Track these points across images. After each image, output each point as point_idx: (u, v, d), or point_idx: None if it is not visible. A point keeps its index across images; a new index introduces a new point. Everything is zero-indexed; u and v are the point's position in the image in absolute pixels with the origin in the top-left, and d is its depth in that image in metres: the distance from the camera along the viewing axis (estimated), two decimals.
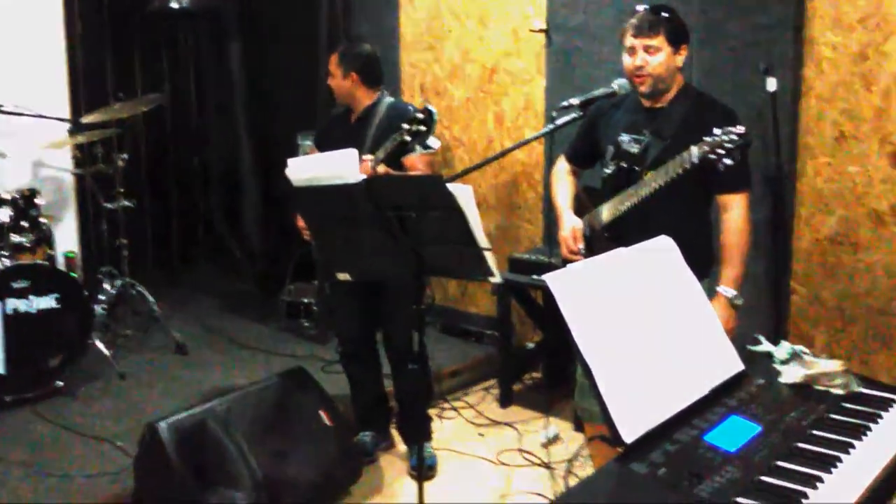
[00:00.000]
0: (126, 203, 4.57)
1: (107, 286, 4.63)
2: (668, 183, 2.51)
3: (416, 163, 3.32)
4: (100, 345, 4.23)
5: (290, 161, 2.93)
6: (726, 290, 2.64)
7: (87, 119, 4.48)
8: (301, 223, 3.40)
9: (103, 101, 5.00)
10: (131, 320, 4.67)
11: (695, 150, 2.41)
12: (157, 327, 4.67)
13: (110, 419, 3.73)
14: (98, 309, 4.44)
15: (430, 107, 2.84)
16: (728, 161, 2.36)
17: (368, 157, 3.10)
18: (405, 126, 2.86)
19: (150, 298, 4.62)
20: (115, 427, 3.62)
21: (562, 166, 3.05)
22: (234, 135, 5.84)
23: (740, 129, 2.37)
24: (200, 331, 4.96)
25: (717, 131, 2.38)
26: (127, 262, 4.57)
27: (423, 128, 2.84)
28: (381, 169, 3.10)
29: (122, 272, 4.59)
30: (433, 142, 2.94)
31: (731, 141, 2.35)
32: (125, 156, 4.57)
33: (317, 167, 2.84)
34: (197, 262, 6.47)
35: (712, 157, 2.37)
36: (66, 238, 4.91)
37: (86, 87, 5.28)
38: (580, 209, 2.93)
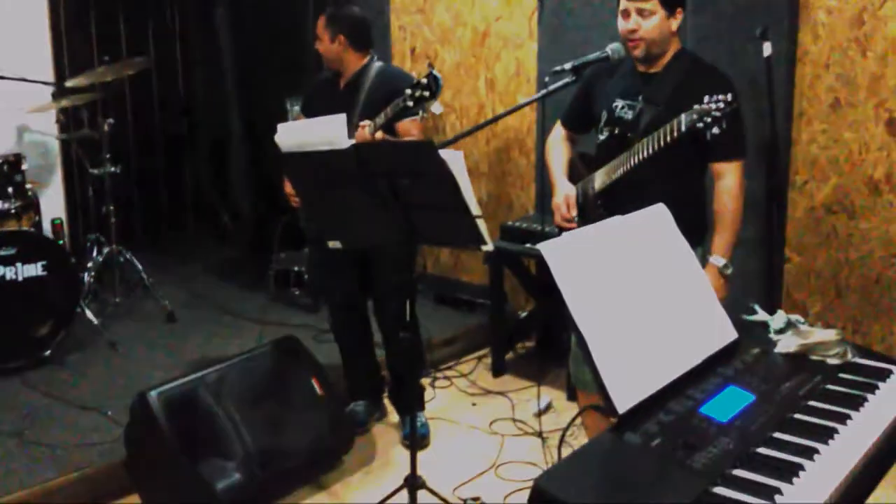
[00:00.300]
0: (112, 169, 4.50)
1: (94, 253, 4.57)
2: (657, 151, 2.48)
3: (410, 128, 3.26)
4: (88, 313, 4.19)
5: (280, 126, 2.88)
6: (717, 259, 2.62)
7: (71, 83, 4.39)
8: (289, 189, 3.35)
9: (88, 64, 4.90)
10: (120, 288, 4.61)
11: (683, 118, 2.38)
12: (147, 295, 4.62)
13: (100, 388, 3.70)
14: (86, 276, 4.39)
15: (435, 72, 2.78)
16: (715, 130, 2.33)
17: (367, 122, 3.04)
18: (408, 91, 2.80)
19: (139, 265, 4.57)
20: (105, 396, 3.59)
21: (557, 132, 3.00)
22: (221, 99, 5.76)
23: (728, 96, 2.33)
24: (190, 298, 4.92)
25: (705, 99, 2.34)
26: (114, 229, 4.51)
27: (426, 93, 2.77)
28: (380, 135, 3.04)
29: (110, 239, 4.53)
30: (436, 108, 2.88)
31: (718, 109, 2.31)
32: (111, 120, 4.49)
33: (306, 133, 2.79)
34: (185, 228, 6.42)
35: (700, 125, 2.34)
36: (53, 204, 4.83)
37: (70, 50, 5.18)
38: (575, 176, 2.90)
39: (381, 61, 3.48)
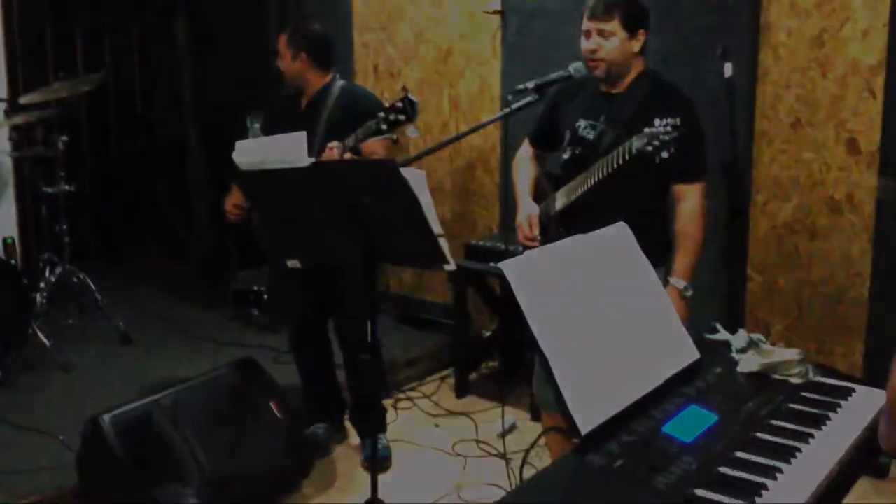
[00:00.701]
0: (67, 187, 4.41)
1: (47, 273, 4.46)
2: (613, 172, 2.47)
3: (375, 148, 3.22)
4: (40, 334, 4.08)
5: (238, 144, 2.83)
6: (677, 281, 2.62)
7: (25, 99, 4.31)
8: (229, 205, 3.35)
9: (43, 80, 4.81)
10: (73, 309, 4.52)
11: (633, 142, 2.38)
12: (100, 316, 4.51)
13: (51, 412, 3.60)
14: (38, 297, 4.28)
15: (411, 96, 2.72)
16: (664, 154, 2.33)
17: (336, 143, 2.99)
18: (381, 114, 2.75)
19: (93, 286, 4.47)
20: (57, 420, 3.48)
21: (524, 150, 2.99)
22: (180, 116, 5.68)
23: (677, 120, 2.33)
24: (145, 319, 4.80)
25: (656, 122, 2.34)
26: (68, 249, 4.42)
27: (402, 117, 2.73)
28: (347, 156, 3.00)
29: (63, 259, 4.44)
30: (411, 131, 2.83)
31: (666, 133, 2.32)
32: (65, 138, 4.40)
33: (264, 150, 2.74)
34: (142, 247, 6.30)
35: (649, 148, 2.34)
36: (4, 223, 4.73)
37: (25, 66, 5.08)
38: (541, 194, 2.88)
39: (343, 80, 3.45)
